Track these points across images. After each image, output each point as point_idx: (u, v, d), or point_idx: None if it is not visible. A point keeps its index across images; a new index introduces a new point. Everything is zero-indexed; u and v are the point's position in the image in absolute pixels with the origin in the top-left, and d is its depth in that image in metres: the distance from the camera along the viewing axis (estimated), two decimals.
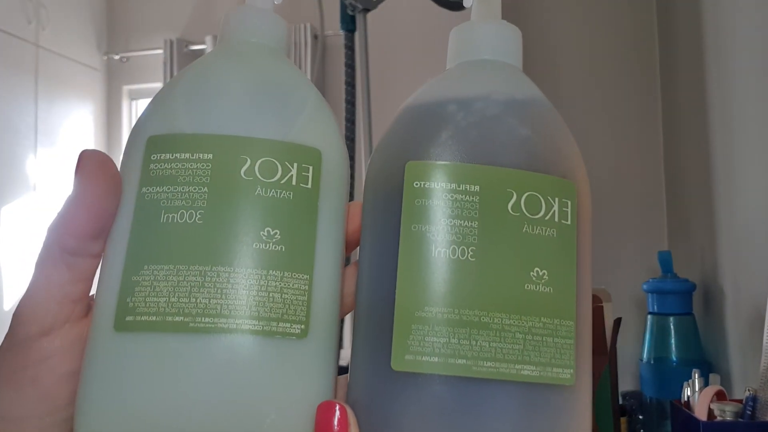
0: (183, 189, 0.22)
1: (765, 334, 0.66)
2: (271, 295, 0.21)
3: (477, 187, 0.22)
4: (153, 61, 1.96)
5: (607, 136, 1.37)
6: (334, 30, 1.28)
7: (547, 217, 0.22)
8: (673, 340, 0.98)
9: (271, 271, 0.21)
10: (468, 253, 0.22)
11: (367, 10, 1.02)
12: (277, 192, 0.22)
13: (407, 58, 1.64)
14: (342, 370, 0.24)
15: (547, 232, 0.22)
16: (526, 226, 0.22)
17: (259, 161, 0.22)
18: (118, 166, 0.23)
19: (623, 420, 0.98)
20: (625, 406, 1.01)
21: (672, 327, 0.98)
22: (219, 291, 0.21)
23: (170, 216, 0.21)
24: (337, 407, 0.21)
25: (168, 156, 0.22)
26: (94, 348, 0.21)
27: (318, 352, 0.22)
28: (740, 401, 0.67)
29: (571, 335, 0.22)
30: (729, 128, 0.93)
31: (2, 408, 0.21)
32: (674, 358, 0.97)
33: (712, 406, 0.68)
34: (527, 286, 0.22)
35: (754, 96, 0.84)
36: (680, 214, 1.23)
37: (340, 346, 0.24)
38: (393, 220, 0.23)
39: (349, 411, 0.21)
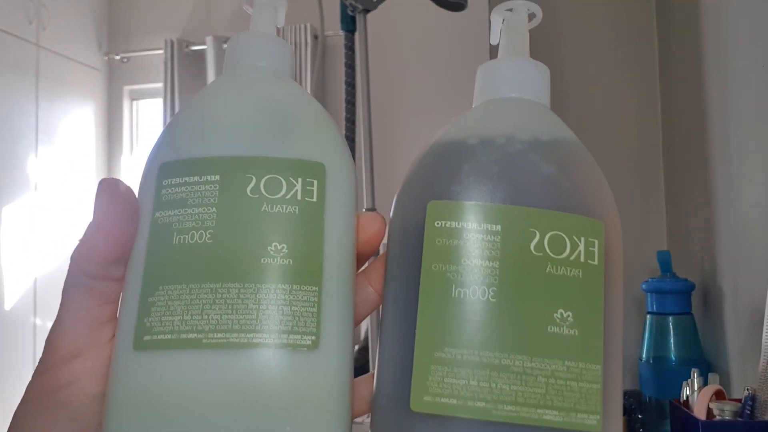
0: (193, 211, 0.22)
1: (764, 334, 0.66)
2: (280, 308, 0.21)
3: (498, 227, 0.22)
4: (154, 61, 1.96)
5: (607, 135, 1.37)
6: (334, 30, 1.28)
7: (572, 258, 0.22)
8: (672, 340, 0.98)
9: (279, 285, 0.22)
10: (489, 293, 0.21)
11: (367, 11, 1.02)
12: (282, 207, 0.23)
13: (407, 58, 1.64)
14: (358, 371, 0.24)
15: (572, 273, 0.22)
16: (549, 266, 0.22)
17: (264, 179, 0.23)
18: (135, 189, 0.24)
19: (623, 419, 0.98)
20: (624, 405, 1.01)
21: (671, 326, 0.98)
22: (230, 307, 0.21)
23: (182, 237, 0.22)
24: None
25: (178, 180, 0.23)
26: (116, 368, 0.22)
27: (331, 362, 0.22)
28: (739, 400, 0.68)
29: (597, 380, 0.21)
30: (728, 128, 0.93)
31: (36, 430, 0.22)
32: (673, 358, 0.98)
33: (711, 406, 0.69)
34: (550, 329, 0.21)
35: (753, 95, 0.84)
36: (679, 214, 1.24)
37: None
38: (415, 259, 0.22)
39: None
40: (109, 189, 0.23)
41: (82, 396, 0.22)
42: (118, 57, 2.03)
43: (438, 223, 0.22)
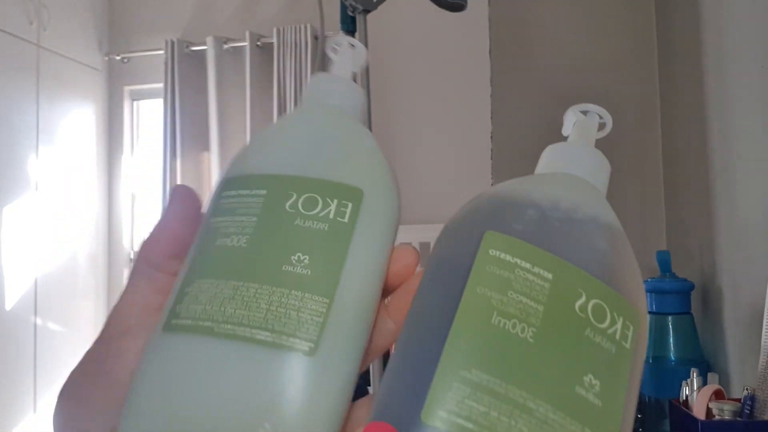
0: (238, 218, 0.25)
1: (763, 334, 0.66)
2: (288, 312, 0.23)
3: (550, 275, 0.23)
4: (154, 62, 1.97)
5: (606, 135, 1.37)
6: (334, 30, 1.28)
7: (609, 331, 0.23)
8: (671, 340, 0.98)
9: (293, 291, 0.23)
10: (528, 332, 0.22)
11: (367, 11, 1.03)
12: (313, 223, 0.25)
13: (407, 58, 1.64)
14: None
15: (607, 345, 0.22)
16: (588, 330, 0.22)
17: (303, 196, 0.25)
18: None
19: None
20: None
21: (670, 326, 0.98)
22: (244, 303, 0.23)
23: (223, 240, 0.25)
24: None
25: (234, 192, 0.26)
26: (147, 345, 0.24)
27: (325, 371, 0.23)
28: (738, 400, 0.68)
29: None
30: (728, 128, 0.93)
31: (78, 392, 0.25)
32: (673, 358, 0.98)
33: (710, 405, 0.69)
34: (578, 389, 0.21)
35: (753, 96, 0.84)
36: (679, 214, 1.24)
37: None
38: (455, 282, 0.23)
39: None
40: (178, 194, 0.27)
41: (123, 369, 0.25)
42: (118, 57, 2.03)
43: (492, 252, 0.23)
